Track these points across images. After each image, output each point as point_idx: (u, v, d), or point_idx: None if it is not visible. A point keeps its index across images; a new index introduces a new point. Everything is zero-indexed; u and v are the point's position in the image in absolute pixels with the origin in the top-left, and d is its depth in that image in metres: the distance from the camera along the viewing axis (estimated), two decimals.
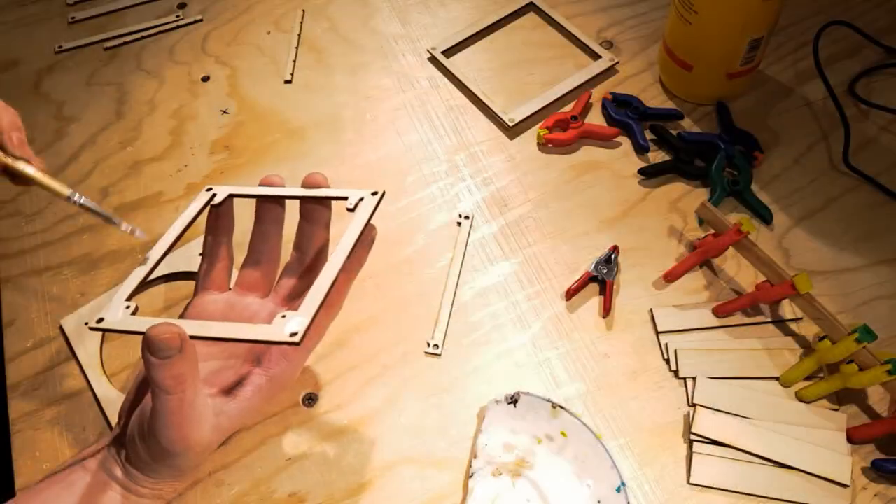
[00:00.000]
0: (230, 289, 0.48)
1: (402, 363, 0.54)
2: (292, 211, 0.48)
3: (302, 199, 0.46)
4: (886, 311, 0.55)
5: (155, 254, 0.46)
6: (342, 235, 0.42)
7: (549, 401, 0.50)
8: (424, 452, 0.51)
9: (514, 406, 0.51)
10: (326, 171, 0.63)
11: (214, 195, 0.48)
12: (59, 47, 0.74)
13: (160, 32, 0.75)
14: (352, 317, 0.56)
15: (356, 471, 0.50)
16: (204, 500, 0.49)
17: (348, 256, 0.41)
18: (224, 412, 0.41)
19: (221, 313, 0.46)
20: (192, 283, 0.49)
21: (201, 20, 0.76)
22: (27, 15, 0.77)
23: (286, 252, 0.49)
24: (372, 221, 0.44)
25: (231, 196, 0.48)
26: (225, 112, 0.69)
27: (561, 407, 0.50)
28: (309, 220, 0.47)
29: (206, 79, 0.71)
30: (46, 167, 0.46)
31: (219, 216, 0.48)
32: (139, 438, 0.40)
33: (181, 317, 0.46)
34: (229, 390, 0.42)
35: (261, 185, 0.47)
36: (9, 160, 0.44)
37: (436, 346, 0.55)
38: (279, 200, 0.47)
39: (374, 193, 0.45)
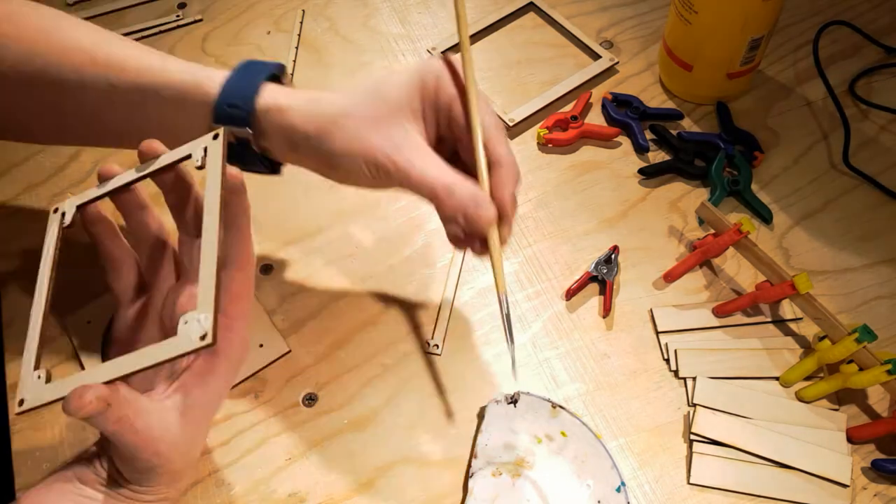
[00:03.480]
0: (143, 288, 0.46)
1: (402, 363, 0.54)
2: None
3: (151, 176, 0.42)
4: (886, 311, 0.55)
5: (35, 312, 0.42)
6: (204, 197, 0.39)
7: (549, 401, 0.50)
8: (424, 452, 0.51)
9: (514, 406, 0.51)
10: None
11: (63, 214, 0.44)
12: None
13: (160, 32, 0.75)
14: (352, 317, 0.56)
15: (356, 471, 0.50)
16: (204, 500, 0.49)
17: (221, 218, 0.38)
18: (189, 405, 0.40)
19: (146, 317, 0.44)
20: None
21: (201, 20, 0.76)
22: None
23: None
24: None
25: (80, 208, 0.44)
26: None
27: (561, 407, 0.50)
28: (169, 191, 0.44)
29: None
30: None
31: (91, 225, 0.44)
32: (119, 463, 0.40)
33: (113, 335, 0.44)
34: (187, 382, 0.40)
35: (100, 178, 0.44)
36: (492, 246, 0.44)
37: (436, 346, 0.55)
38: (130, 188, 0.44)
39: (216, 137, 0.40)
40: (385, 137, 0.42)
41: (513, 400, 0.51)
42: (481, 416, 0.51)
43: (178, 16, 0.76)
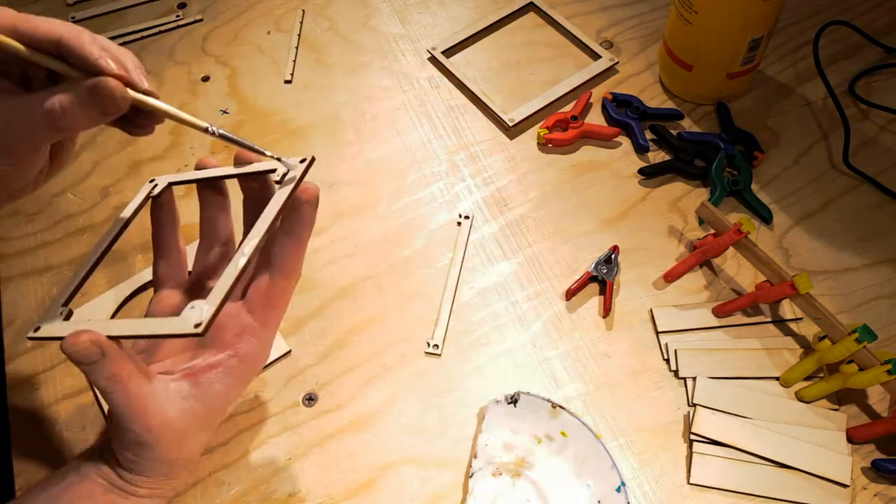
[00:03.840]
0: (186, 278, 0.47)
1: (402, 363, 0.54)
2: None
3: (239, 177, 0.45)
4: (886, 311, 0.55)
5: (92, 254, 0.44)
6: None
7: (549, 401, 0.50)
8: (424, 452, 0.51)
9: (514, 406, 0.51)
10: (326, 171, 0.64)
11: (156, 185, 0.47)
12: None
13: (160, 32, 0.75)
14: (352, 317, 0.56)
15: (356, 471, 0.50)
16: (204, 500, 0.49)
17: (270, 228, 0.39)
18: (194, 395, 0.40)
19: (182, 305, 0.45)
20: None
21: (201, 20, 0.76)
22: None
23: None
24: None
25: (171, 185, 0.47)
26: (225, 112, 0.69)
27: (561, 407, 0.50)
28: (249, 197, 0.45)
29: (206, 79, 0.71)
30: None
31: (160, 207, 0.47)
32: (115, 440, 0.40)
33: (146, 315, 0.45)
34: (199, 373, 0.41)
35: (197, 167, 0.46)
36: (140, 96, 0.39)
37: (436, 346, 0.55)
38: (218, 186, 0.47)
39: (303, 160, 0.42)
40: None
41: (513, 400, 0.51)
42: (481, 416, 0.51)
43: (178, 16, 0.76)
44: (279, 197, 0.41)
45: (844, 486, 0.48)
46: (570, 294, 0.56)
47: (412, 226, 0.61)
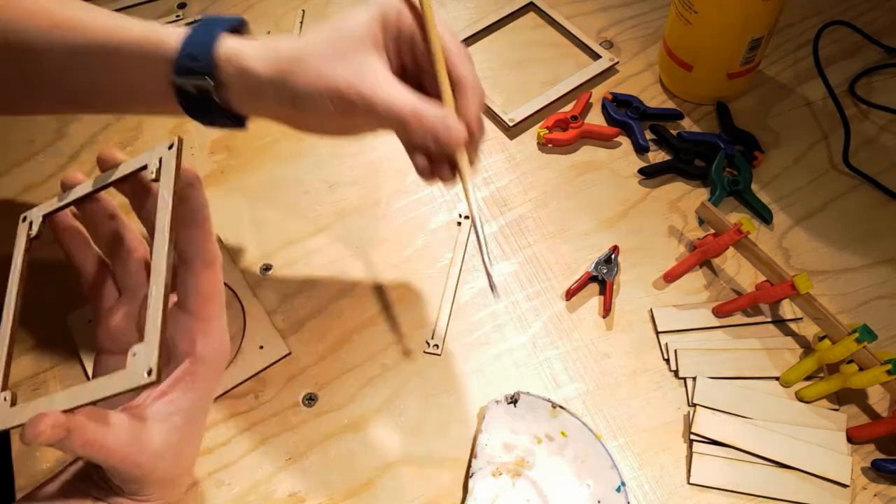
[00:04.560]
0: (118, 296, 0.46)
1: (402, 363, 0.54)
2: None
3: (112, 185, 0.42)
4: (886, 311, 0.55)
5: (3, 328, 0.41)
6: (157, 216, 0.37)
7: (549, 401, 0.50)
8: (424, 452, 0.51)
9: (514, 406, 0.51)
10: (326, 171, 0.64)
11: (31, 224, 0.43)
12: None
13: None
14: (352, 317, 0.56)
15: (356, 471, 0.50)
16: (204, 500, 0.49)
17: (171, 240, 0.37)
18: (172, 413, 0.39)
19: (126, 326, 0.44)
20: None
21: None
22: None
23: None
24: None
25: (46, 217, 0.43)
26: None
27: (561, 407, 0.50)
28: (133, 198, 0.43)
29: None
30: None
31: (59, 236, 0.44)
32: (110, 476, 0.39)
33: (95, 340, 0.44)
34: (168, 390, 0.40)
35: (64, 188, 0.44)
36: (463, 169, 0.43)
37: (436, 346, 0.55)
38: (97, 199, 0.43)
39: (171, 147, 0.38)
40: (347, 70, 0.41)
41: (513, 400, 0.51)
42: (481, 416, 0.51)
43: (178, 16, 0.76)
44: (164, 198, 0.37)
45: (844, 486, 0.48)
46: (570, 294, 0.57)
47: (412, 226, 0.61)
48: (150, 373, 0.34)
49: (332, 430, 0.52)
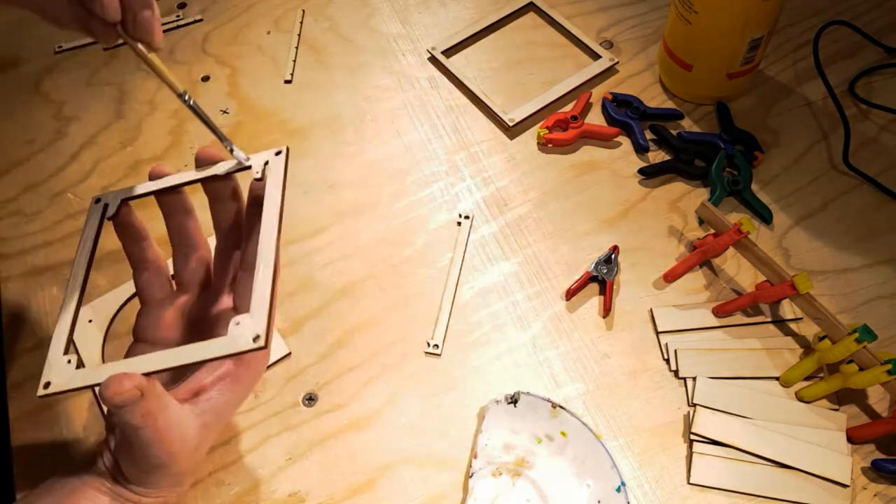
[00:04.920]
0: (173, 290, 0.47)
1: (402, 363, 0.54)
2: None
3: (204, 181, 0.44)
4: (886, 311, 0.55)
5: (69, 297, 0.42)
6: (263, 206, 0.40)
7: (549, 401, 0.50)
8: (424, 452, 0.51)
9: (514, 406, 0.51)
10: (326, 171, 0.64)
11: (106, 206, 0.44)
12: (59, 47, 0.74)
13: None
14: (352, 317, 0.56)
15: (356, 471, 0.50)
16: (204, 500, 0.49)
17: (280, 230, 0.40)
18: (207, 409, 0.40)
19: (173, 319, 0.45)
20: None
21: (201, 20, 0.76)
22: (27, 15, 0.76)
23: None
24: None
25: (124, 202, 0.45)
26: (225, 112, 0.69)
27: (561, 407, 0.50)
28: (217, 199, 0.45)
29: (206, 79, 0.71)
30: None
31: (122, 226, 0.45)
32: (127, 461, 0.40)
33: (134, 330, 0.45)
34: (210, 386, 0.41)
35: (150, 178, 0.45)
36: (130, 41, 0.39)
37: (436, 346, 0.55)
38: (178, 191, 0.45)
39: (278, 153, 0.42)
40: None
41: (513, 400, 0.51)
42: (481, 416, 0.51)
43: (178, 16, 0.76)
44: (273, 195, 0.40)
45: (844, 486, 0.48)
46: (570, 294, 0.57)
47: (412, 226, 0.61)
48: (256, 339, 0.36)
49: (332, 430, 0.52)
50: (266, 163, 0.43)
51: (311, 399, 0.53)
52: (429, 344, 0.55)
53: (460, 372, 0.54)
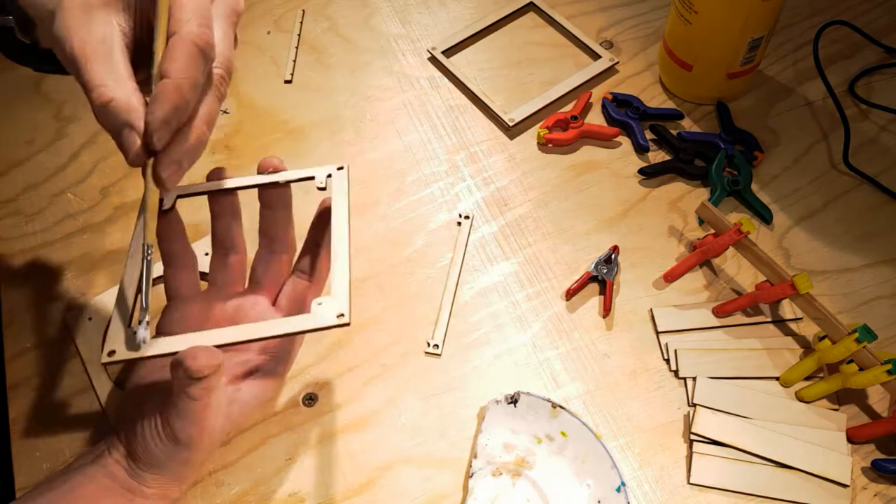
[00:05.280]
0: (201, 290, 0.48)
1: (402, 363, 0.54)
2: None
3: (263, 186, 0.46)
4: (886, 311, 0.55)
5: (130, 276, 0.42)
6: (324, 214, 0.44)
7: (549, 401, 0.50)
8: (424, 452, 0.51)
9: (514, 406, 0.51)
10: None
11: (162, 200, 0.45)
12: None
13: None
14: (352, 317, 0.56)
15: (356, 471, 0.50)
16: (204, 500, 0.49)
17: (349, 235, 0.43)
18: (235, 401, 0.42)
19: (200, 315, 0.45)
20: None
21: None
22: None
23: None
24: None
25: (179, 197, 0.46)
26: (225, 112, 0.69)
27: (561, 407, 0.50)
28: (270, 206, 0.46)
29: None
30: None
31: (167, 221, 0.45)
32: (151, 435, 0.40)
33: (160, 325, 0.45)
34: (240, 379, 0.43)
35: (209, 179, 0.46)
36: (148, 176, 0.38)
37: (436, 346, 0.55)
38: (231, 192, 0.46)
39: (340, 168, 0.46)
40: (84, 28, 0.36)
41: (513, 400, 0.51)
42: (481, 416, 0.51)
43: None
44: (339, 201, 0.44)
45: (844, 486, 0.48)
46: (570, 294, 0.57)
47: (412, 226, 0.61)
48: (340, 316, 0.39)
49: (332, 430, 0.52)
50: (329, 175, 0.46)
51: (311, 399, 0.53)
52: (429, 344, 0.55)
53: (460, 372, 0.54)
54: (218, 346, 0.38)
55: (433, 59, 0.71)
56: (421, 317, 0.56)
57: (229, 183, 0.46)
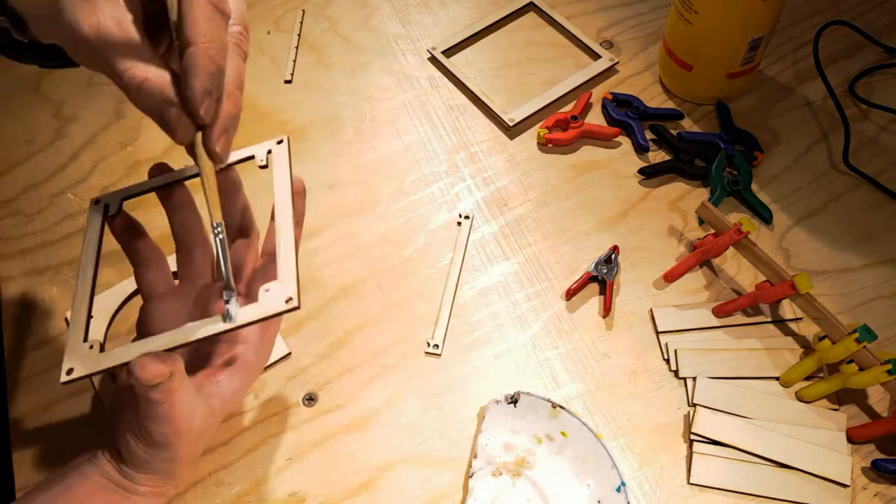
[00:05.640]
0: (174, 284, 0.47)
1: (402, 363, 0.54)
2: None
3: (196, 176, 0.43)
4: (886, 311, 0.55)
5: (81, 289, 0.42)
6: (274, 193, 0.42)
7: (549, 401, 0.50)
8: (424, 452, 0.51)
9: (514, 406, 0.51)
10: (326, 171, 0.64)
11: (107, 206, 0.44)
12: None
13: None
14: (352, 317, 0.56)
15: (356, 471, 0.50)
16: (204, 500, 0.49)
17: (293, 208, 0.41)
18: (215, 394, 0.41)
19: (175, 311, 0.44)
20: None
21: None
22: None
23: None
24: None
25: (124, 201, 0.45)
26: None
27: (561, 407, 0.50)
28: (220, 193, 0.43)
29: None
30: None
31: (122, 226, 0.45)
32: (131, 437, 0.40)
33: (138, 325, 0.45)
34: (217, 372, 0.42)
35: (150, 174, 0.45)
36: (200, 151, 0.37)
37: (436, 346, 0.55)
38: (180, 184, 0.45)
39: (280, 142, 0.44)
40: (93, 13, 0.35)
41: (513, 400, 0.51)
42: (481, 416, 0.51)
43: None
44: (281, 176, 0.42)
45: (844, 486, 0.48)
46: (570, 294, 0.56)
47: (412, 226, 0.61)
48: (289, 300, 0.37)
49: (332, 430, 0.52)
50: (269, 151, 0.44)
51: (311, 399, 0.53)
52: (429, 344, 0.55)
53: (460, 372, 0.54)
54: (171, 349, 0.37)
55: (433, 59, 0.71)
56: (421, 317, 0.56)
57: (172, 176, 0.44)
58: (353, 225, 0.61)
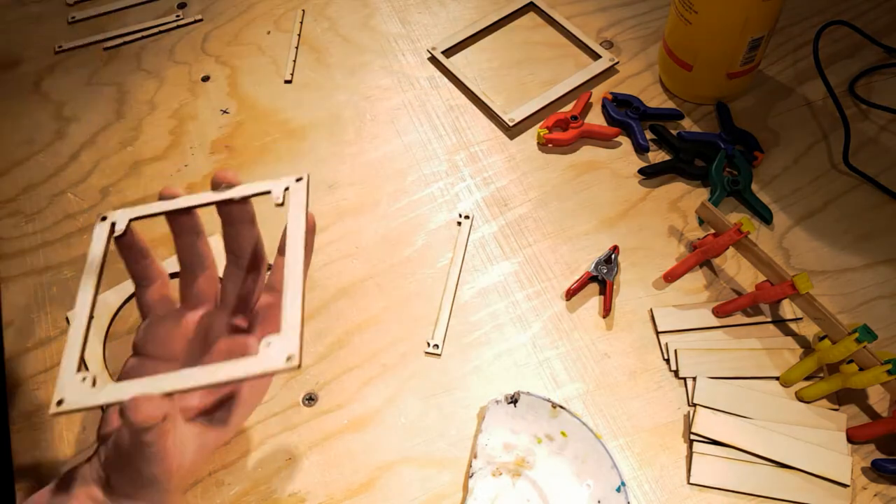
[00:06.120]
0: (176, 306, 0.46)
1: (402, 363, 0.54)
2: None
3: (218, 204, 0.43)
4: (886, 311, 0.55)
5: (80, 314, 0.41)
6: (285, 230, 0.41)
7: (549, 401, 0.50)
8: (424, 452, 0.51)
9: (514, 406, 0.51)
10: (326, 171, 0.64)
11: (113, 224, 0.43)
12: (59, 47, 0.74)
13: (160, 32, 0.75)
14: (352, 317, 0.56)
15: (356, 471, 0.50)
16: (204, 500, 0.49)
17: (304, 253, 0.40)
18: (208, 430, 0.41)
19: (173, 333, 0.44)
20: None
21: (201, 20, 0.76)
22: (27, 15, 0.77)
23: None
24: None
25: (133, 220, 0.44)
26: (225, 112, 0.69)
27: (561, 407, 0.50)
28: (231, 223, 0.44)
29: (206, 79, 0.71)
30: None
31: (127, 245, 0.44)
32: (119, 474, 0.39)
33: (135, 344, 0.44)
34: (212, 408, 0.41)
35: (161, 198, 0.44)
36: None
37: (436, 346, 0.55)
38: (189, 212, 0.43)
39: (299, 180, 0.42)
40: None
41: (513, 400, 0.51)
42: (481, 416, 0.51)
43: (178, 16, 0.76)
44: (296, 218, 0.41)
45: (844, 486, 0.48)
46: (570, 294, 0.57)
47: (412, 226, 0.61)
48: (289, 359, 0.36)
49: (332, 430, 0.52)
50: (286, 189, 0.42)
51: (311, 399, 0.53)
52: (429, 344, 0.55)
53: (460, 372, 0.54)
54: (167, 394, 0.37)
55: (433, 59, 0.71)
56: (421, 317, 0.56)
57: (181, 202, 0.43)
58: (353, 225, 0.61)
